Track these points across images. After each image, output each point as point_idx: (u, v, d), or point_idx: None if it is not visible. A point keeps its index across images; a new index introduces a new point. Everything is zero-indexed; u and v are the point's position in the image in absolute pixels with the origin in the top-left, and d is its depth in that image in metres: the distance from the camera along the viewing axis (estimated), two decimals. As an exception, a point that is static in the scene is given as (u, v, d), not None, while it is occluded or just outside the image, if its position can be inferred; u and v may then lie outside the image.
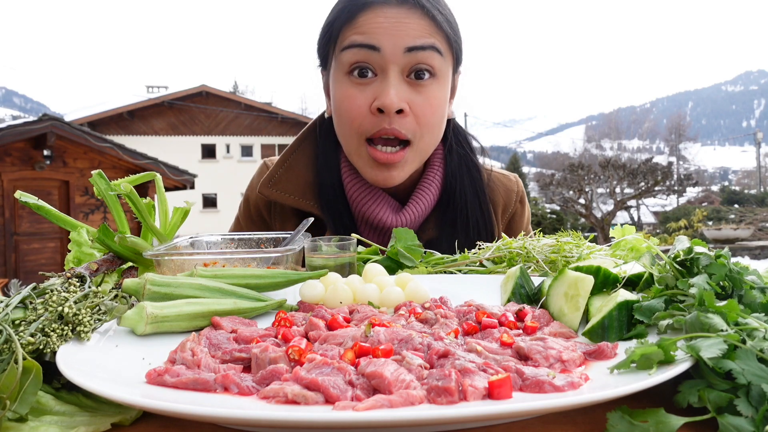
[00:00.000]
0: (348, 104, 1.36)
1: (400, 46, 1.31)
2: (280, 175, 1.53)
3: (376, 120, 1.35)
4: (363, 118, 1.36)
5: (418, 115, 1.35)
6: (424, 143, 1.41)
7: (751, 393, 0.59)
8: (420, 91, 1.35)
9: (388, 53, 1.31)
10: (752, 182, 65.63)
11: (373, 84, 1.35)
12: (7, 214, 12.89)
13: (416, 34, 1.31)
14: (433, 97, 1.36)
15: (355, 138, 1.40)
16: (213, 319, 0.87)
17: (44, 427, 0.63)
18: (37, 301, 0.81)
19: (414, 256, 1.25)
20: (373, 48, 1.31)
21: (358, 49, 1.32)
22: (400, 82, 1.33)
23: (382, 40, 1.31)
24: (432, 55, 1.33)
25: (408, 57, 1.32)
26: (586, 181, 26.89)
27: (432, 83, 1.36)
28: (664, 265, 0.93)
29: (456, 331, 0.82)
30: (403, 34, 1.30)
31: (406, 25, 1.31)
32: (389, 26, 1.31)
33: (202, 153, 28.77)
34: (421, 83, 1.35)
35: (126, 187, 1.14)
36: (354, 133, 1.39)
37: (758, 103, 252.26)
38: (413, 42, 1.31)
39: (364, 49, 1.32)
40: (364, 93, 1.35)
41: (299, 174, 1.54)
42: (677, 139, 60.69)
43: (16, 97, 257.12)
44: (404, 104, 1.33)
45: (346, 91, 1.36)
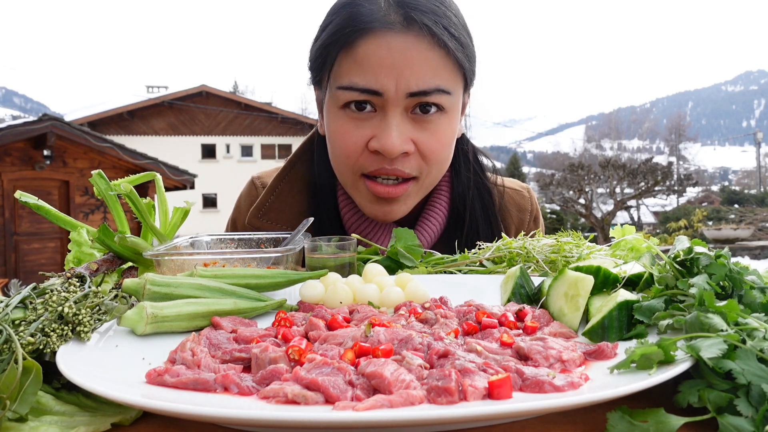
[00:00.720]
0: (343, 139, 1.23)
1: (404, 91, 1.16)
2: (271, 204, 1.42)
3: (375, 159, 1.22)
4: (359, 156, 1.23)
5: (425, 152, 1.22)
6: (430, 179, 1.30)
7: (751, 393, 0.59)
8: (426, 127, 1.21)
9: (390, 97, 1.17)
10: (752, 182, 65.64)
11: (372, 120, 1.21)
12: (7, 214, 12.89)
13: (422, 74, 1.16)
14: (442, 132, 1.23)
15: (350, 174, 1.27)
16: (213, 319, 0.87)
17: (44, 427, 0.63)
18: (37, 301, 0.81)
19: (414, 256, 1.25)
20: (374, 93, 1.17)
21: (358, 93, 1.18)
22: (403, 120, 1.19)
23: (384, 83, 1.16)
24: (438, 97, 1.19)
25: (411, 100, 1.19)
26: (586, 181, 26.89)
27: (440, 117, 1.22)
28: (664, 265, 0.93)
29: (456, 331, 0.82)
30: (407, 75, 1.15)
31: (411, 63, 1.15)
32: (392, 63, 1.15)
33: (202, 153, 28.78)
34: (428, 118, 1.21)
35: (126, 187, 1.14)
36: (349, 170, 1.27)
37: (758, 103, 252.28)
38: (417, 86, 1.16)
39: (364, 94, 1.18)
40: (361, 129, 1.21)
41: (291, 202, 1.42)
42: (677, 139, 60.69)
43: (16, 97, 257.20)
44: (408, 145, 1.20)
45: (342, 125, 1.23)
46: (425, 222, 1.39)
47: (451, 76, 1.21)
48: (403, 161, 1.21)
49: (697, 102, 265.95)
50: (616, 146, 68.37)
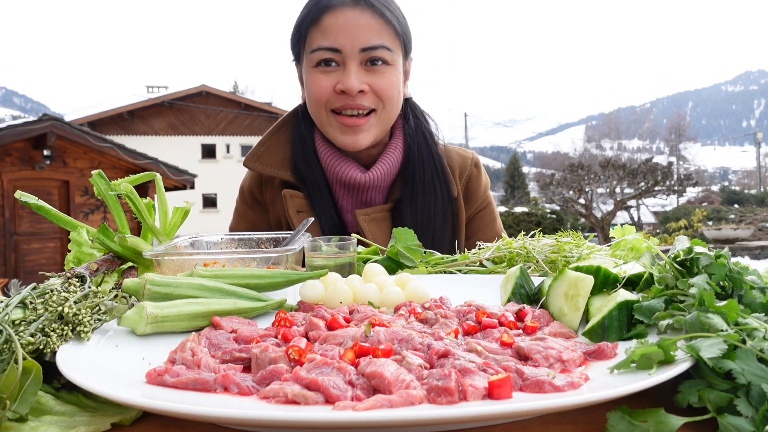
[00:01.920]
0: (317, 86, 1.65)
1: (357, 47, 1.60)
2: (262, 152, 1.81)
3: (340, 97, 1.63)
4: (329, 96, 1.64)
5: (377, 90, 1.63)
6: (386, 113, 1.68)
7: (751, 393, 0.59)
8: (376, 74, 1.63)
9: (347, 52, 1.60)
10: (752, 182, 65.58)
11: (337, 71, 1.63)
12: (7, 214, 12.89)
13: (369, 34, 1.60)
14: (388, 77, 1.65)
15: (324, 111, 1.67)
16: (213, 319, 0.87)
17: (44, 427, 0.63)
18: (37, 301, 0.81)
19: (414, 256, 1.25)
20: (334, 50, 1.61)
21: (324, 51, 1.62)
22: (358, 69, 1.62)
23: (342, 42, 1.59)
24: (383, 52, 1.62)
25: (363, 54, 1.61)
26: (586, 181, 26.89)
27: (385, 68, 1.64)
28: (664, 265, 0.93)
29: (456, 331, 0.82)
30: (358, 35, 1.59)
31: (359, 27, 1.59)
32: (347, 28, 1.59)
33: (202, 153, 28.76)
34: (376, 68, 1.63)
35: (126, 187, 1.14)
36: (323, 108, 1.66)
37: (758, 103, 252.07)
38: (367, 43, 1.60)
39: (328, 51, 1.61)
40: (329, 77, 1.63)
41: (278, 151, 1.81)
42: (677, 139, 60.64)
43: (16, 97, 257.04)
44: (364, 85, 1.61)
45: (316, 77, 1.65)
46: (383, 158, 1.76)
47: (391, 38, 1.65)
48: (361, 98, 1.62)
49: (697, 102, 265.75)
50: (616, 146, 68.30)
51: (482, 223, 1.89)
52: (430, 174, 1.76)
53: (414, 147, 1.77)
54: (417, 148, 1.77)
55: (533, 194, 29.91)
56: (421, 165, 1.76)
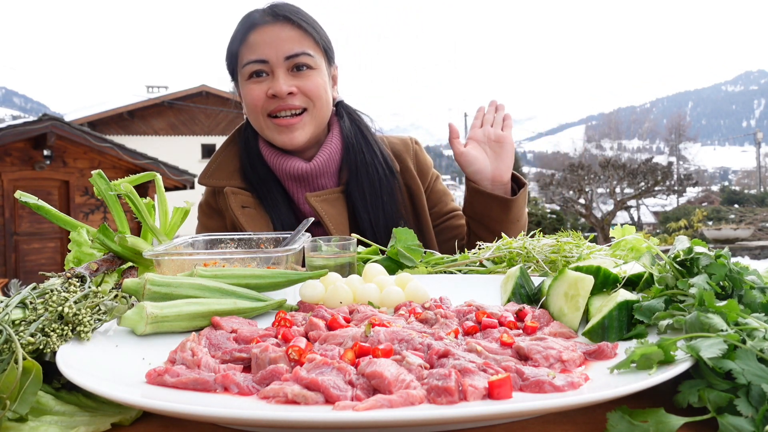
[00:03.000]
0: (251, 95, 1.81)
1: (281, 56, 1.77)
2: (214, 169, 1.98)
3: (272, 102, 1.79)
4: (263, 101, 1.80)
5: (306, 91, 1.79)
6: (317, 110, 1.82)
7: (751, 393, 0.59)
8: (302, 77, 1.80)
9: (274, 62, 1.78)
10: (752, 182, 65.54)
11: (267, 80, 1.80)
12: (7, 214, 12.89)
13: (291, 44, 1.78)
14: (313, 79, 1.81)
15: (260, 116, 1.82)
16: (213, 319, 0.87)
17: (44, 427, 0.63)
18: (37, 301, 0.81)
19: (414, 256, 1.25)
20: (262, 61, 1.79)
21: (253, 64, 1.80)
22: (286, 75, 1.78)
23: (267, 53, 1.78)
24: (305, 58, 1.79)
25: (288, 62, 1.78)
26: (586, 181, 26.87)
27: (310, 72, 1.81)
28: (664, 265, 0.93)
29: (456, 331, 0.82)
30: (281, 46, 1.77)
31: (281, 39, 1.78)
32: (270, 41, 1.78)
33: (202, 153, 28.74)
34: (302, 73, 1.80)
35: (126, 187, 1.14)
36: (259, 113, 1.82)
37: (758, 103, 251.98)
38: (289, 51, 1.78)
39: (257, 63, 1.79)
40: (261, 86, 1.80)
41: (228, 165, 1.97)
42: (677, 139, 60.58)
43: (16, 97, 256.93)
44: (292, 88, 1.77)
45: (249, 88, 1.82)
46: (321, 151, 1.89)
47: (311, 46, 1.82)
48: (291, 99, 1.78)
49: (697, 102, 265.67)
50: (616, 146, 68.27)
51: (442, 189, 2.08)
52: (370, 156, 1.91)
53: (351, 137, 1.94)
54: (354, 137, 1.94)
55: (533, 194, 29.94)
56: (360, 151, 1.92)
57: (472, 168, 1.82)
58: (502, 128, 1.88)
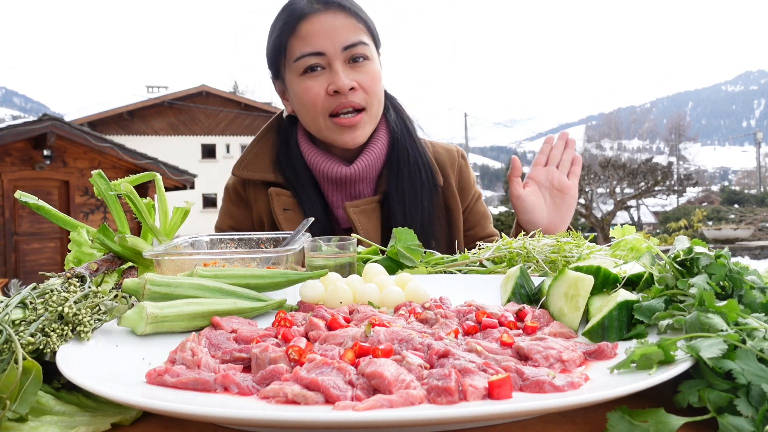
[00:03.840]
0: (309, 94, 1.67)
1: (339, 47, 1.64)
2: (249, 159, 1.87)
3: (334, 99, 1.66)
4: (323, 100, 1.67)
5: (365, 87, 1.68)
6: (374, 108, 1.73)
7: (751, 393, 0.59)
8: (360, 70, 1.68)
9: (331, 54, 1.64)
10: (752, 182, 65.51)
11: (324, 74, 1.66)
12: (7, 214, 12.89)
13: (347, 34, 1.65)
14: (372, 72, 1.70)
15: (320, 117, 1.69)
16: (213, 319, 0.87)
17: (44, 427, 0.63)
18: (37, 301, 0.81)
19: (414, 256, 1.25)
20: (319, 54, 1.65)
21: (309, 57, 1.65)
22: (344, 68, 1.66)
23: (323, 44, 1.64)
24: (362, 48, 1.68)
25: (346, 53, 1.65)
26: (586, 181, 26.87)
27: (367, 63, 1.70)
28: (664, 265, 0.93)
29: (456, 331, 0.82)
30: (338, 37, 1.64)
31: (337, 28, 1.65)
32: (326, 32, 1.64)
33: (202, 153, 28.75)
34: (360, 65, 1.68)
35: (126, 187, 1.14)
36: (319, 114, 1.69)
37: (758, 103, 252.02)
38: (347, 41, 1.65)
39: (313, 56, 1.65)
40: (319, 82, 1.66)
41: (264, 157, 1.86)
42: (677, 139, 60.56)
43: (16, 97, 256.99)
44: (354, 83, 1.65)
45: (305, 85, 1.68)
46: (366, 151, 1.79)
47: (365, 34, 1.71)
48: (353, 95, 1.66)
49: (697, 102, 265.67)
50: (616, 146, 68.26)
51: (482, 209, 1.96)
52: (414, 158, 1.80)
53: (398, 133, 1.83)
54: (401, 134, 1.83)
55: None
56: (405, 150, 1.81)
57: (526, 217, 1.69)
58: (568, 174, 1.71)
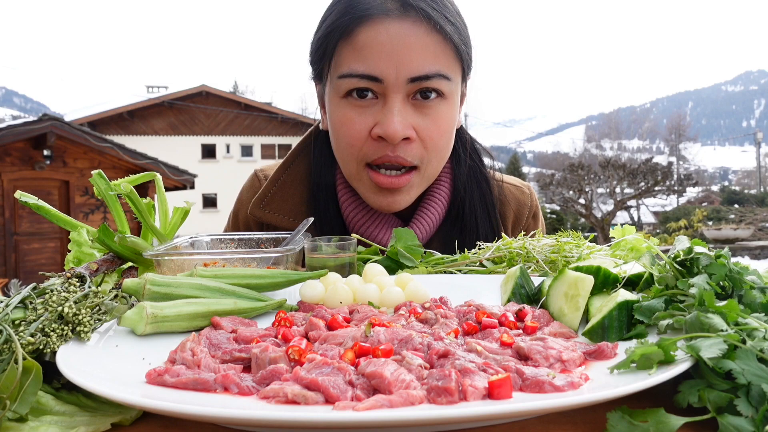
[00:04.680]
0: (347, 129, 1.25)
1: (404, 76, 1.18)
2: (273, 194, 1.44)
3: (378, 146, 1.24)
4: (363, 144, 1.25)
5: (425, 139, 1.24)
6: (432, 168, 1.31)
7: (751, 393, 0.59)
8: (427, 113, 1.23)
9: (391, 82, 1.19)
10: (752, 182, 65.57)
11: (374, 107, 1.23)
12: (7, 214, 12.88)
13: (422, 59, 1.18)
14: (442, 119, 1.25)
15: (354, 163, 1.29)
16: (213, 319, 0.87)
17: (44, 427, 0.63)
18: (37, 301, 0.81)
19: (414, 256, 1.25)
20: (374, 79, 1.19)
21: (358, 79, 1.20)
22: (404, 105, 1.21)
23: (384, 69, 1.18)
24: (439, 82, 1.21)
25: (412, 85, 1.20)
26: (586, 181, 26.88)
27: (439, 104, 1.24)
28: (664, 265, 0.93)
29: (456, 331, 0.82)
30: (407, 61, 1.18)
31: (410, 48, 1.17)
32: (391, 49, 1.17)
33: (202, 153, 28.77)
34: (428, 104, 1.23)
35: (126, 187, 1.14)
36: (353, 159, 1.28)
37: (758, 103, 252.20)
38: (418, 71, 1.18)
39: (364, 80, 1.20)
40: (364, 117, 1.23)
41: (293, 193, 1.44)
42: (677, 139, 60.63)
43: (16, 97, 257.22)
44: (410, 131, 1.21)
45: (345, 114, 1.25)
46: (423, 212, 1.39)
47: (450, 61, 1.23)
48: (404, 148, 1.23)
49: (697, 102, 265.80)
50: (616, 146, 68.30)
51: None
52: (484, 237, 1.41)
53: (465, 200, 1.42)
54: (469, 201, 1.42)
55: (533, 194, 29.88)
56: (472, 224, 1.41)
57: None
58: None
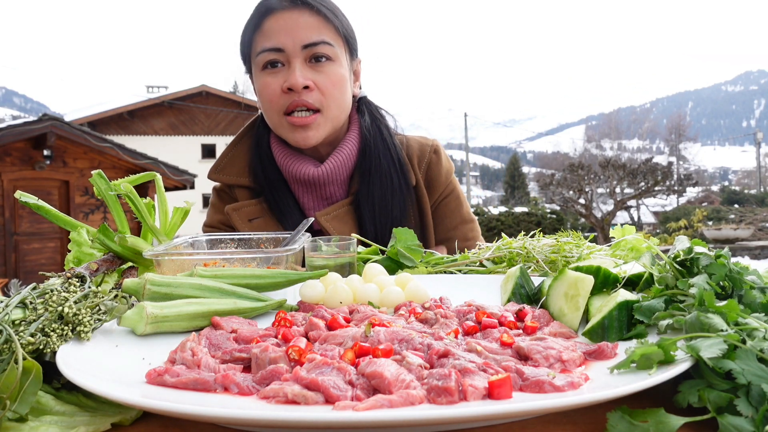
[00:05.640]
0: (266, 90, 1.69)
1: (298, 44, 1.63)
2: (225, 163, 1.88)
3: (288, 96, 1.66)
4: (278, 97, 1.67)
5: (322, 88, 1.66)
6: (331, 111, 1.70)
7: (751, 393, 0.59)
8: (320, 71, 1.66)
9: (290, 51, 1.64)
10: (752, 182, 65.59)
11: (283, 71, 1.67)
12: (7, 214, 12.89)
13: (309, 32, 1.64)
14: (332, 74, 1.68)
15: (275, 114, 1.70)
16: (213, 319, 0.87)
17: (44, 427, 0.63)
18: (37, 301, 0.81)
19: (414, 256, 1.25)
20: (278, 50, 1.65)
21: (268, 53, 1.66)
22: (303, 66, 1.65)
23: (283, 41, 1.64)
24: (325, 47, 1.65)
25: (306, 51, 1.64)
26: (586, 181, 26.88)
27: (329, 64, 1.68)
28: (664, 265, 0.93)
29: (456, 331, 0.82)
30: (299, 33, 1.63)
31: (299, 26, 1.64)
32: (287, 28, 1.64)
33: (202, 153, 28.76)
34: (321, 65, 1.67)
35: (126, 187, 1.14)
36: (274, 111, 1.70)
37: (758, 103, 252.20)
38: (308, 39, 1.64)
39: (272, 52, 1.65)
40: (276, 78, 1.67)
41: (239, 161, 1.87)
42: (677, 139, 60.63)
43: (16, 97, 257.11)
44: (309, 81, 1.64)
45: (264, 80, 1.70)
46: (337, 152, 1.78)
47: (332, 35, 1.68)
48: (307, 94, 1.65)
49: (697, 102, 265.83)
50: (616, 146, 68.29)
51: (448, 210, 1.88)
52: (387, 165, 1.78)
53: (370, 140, 1.80)
54: (373, 141, 1.80)
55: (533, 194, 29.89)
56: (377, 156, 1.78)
57: None
58: None
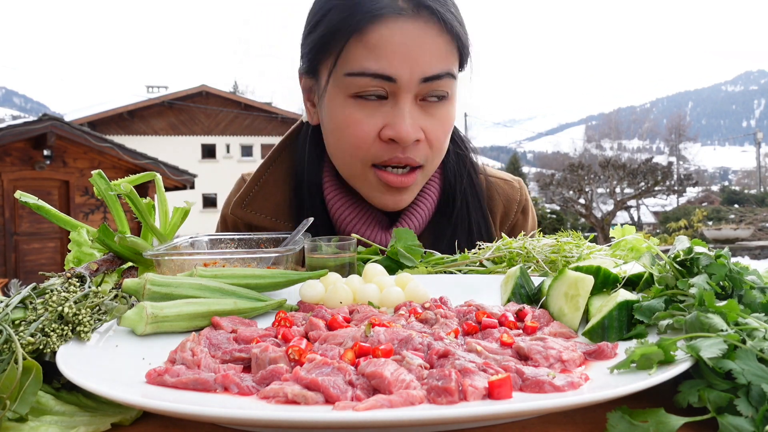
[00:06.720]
0: (353, 130, 1.21)
1: (417, 76, 1.17)
2: (255, 194, 1.41)
3: (388, 148, 1.22)
4: (371, 146, 1.22)
5: (432, 140, 1.25)
6: (433, 166, 1.33)
7: (751, 393, 0.59)
8: (433, 114, 1.24)
9: (404, 83, 1.17)
10: (752, 182, 65.61)
11: (384, 109, 1.20)
12: (7, 214, 12.89)
13: (434, 59, 1.18)
14: (446, 120, 1.26)
15: (359, 164, 1.26)
16: (213, 319, 0.87)
17: (44, 427, 0.63)
18: (37, 301, 0.81)
19: (414, 256, 1.25)
20: (388, 79, 1.16)
21: (371, 78, 1.16)
22: (414, 107, 1.20)
23: (398, 68, 1.15)
24: (446, 82, 1.21)
25: (423, 86, 1.19)
26: (586, 181, 26.88)
27: (444, 105, 1.25)
28: (664, 265, 0.93)
29: (456, 331, 0.82)
30: (421, 61, 1.16)
31: (423, 48, 1.16)
32: (406, 50, 1.15)
33: (202, 153, 28.79)
34: (436, 106, 1.24)
35: (126, 187, 1.14)
36: (358, 160, 1.26)
37: (758, 103, 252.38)
38: (431, 71, 1.18)
39: (378, 79, 1.16)
40: (372, 118, 1.20)
41: (275, 192, 1.41)
42: (677, 139, 60.64)
43: (16, 97, 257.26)
44: (420, 133, 1.22)
45: (351, 114, 1.21)
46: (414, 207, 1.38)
47: (455, 60, 1.24)
48: (414, 149, 1.23)
49: (697, 102, 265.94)
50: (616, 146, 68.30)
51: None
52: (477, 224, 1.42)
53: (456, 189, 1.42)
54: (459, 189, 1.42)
55: (533, 194, 29.93)
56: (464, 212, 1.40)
57: None
58: None
